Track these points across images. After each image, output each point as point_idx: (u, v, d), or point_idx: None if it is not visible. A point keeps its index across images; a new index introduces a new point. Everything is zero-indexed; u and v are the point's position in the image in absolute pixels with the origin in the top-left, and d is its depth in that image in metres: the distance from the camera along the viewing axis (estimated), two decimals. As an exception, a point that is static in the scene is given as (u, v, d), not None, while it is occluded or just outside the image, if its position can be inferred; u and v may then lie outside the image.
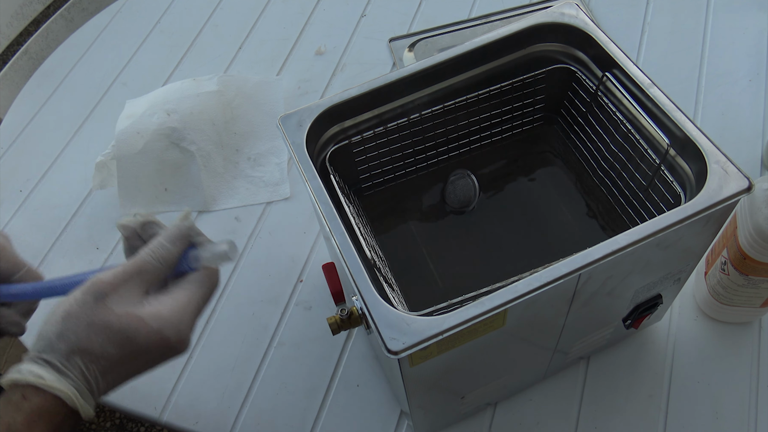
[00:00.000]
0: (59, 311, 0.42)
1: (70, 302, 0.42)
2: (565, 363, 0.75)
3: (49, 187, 1.00)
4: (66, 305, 0.42)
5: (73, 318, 0.41)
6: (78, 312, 0.41)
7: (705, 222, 0.58)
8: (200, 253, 0.51)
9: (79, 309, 0.41)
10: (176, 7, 1.21)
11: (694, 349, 0.78)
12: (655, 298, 0.69)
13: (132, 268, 0.44)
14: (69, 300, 0.42)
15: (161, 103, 0.95)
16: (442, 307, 0.55)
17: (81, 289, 0.43)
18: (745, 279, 0.70)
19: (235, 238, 0.91)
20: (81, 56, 1.16)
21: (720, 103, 0.98)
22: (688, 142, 0.59)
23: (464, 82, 0.71)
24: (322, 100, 0.66)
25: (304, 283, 0.87)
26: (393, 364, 0.54)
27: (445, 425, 0.75)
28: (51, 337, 0.40)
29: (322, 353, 0.81)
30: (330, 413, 0.77)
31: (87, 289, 0.42)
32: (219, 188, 0.96)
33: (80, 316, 0.41)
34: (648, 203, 0.67)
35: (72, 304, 0.42)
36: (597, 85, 0.69)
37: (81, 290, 0.42)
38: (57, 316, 0.41)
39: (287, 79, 1.07)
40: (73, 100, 1.10)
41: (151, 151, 0.92)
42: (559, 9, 0.70)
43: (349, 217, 0.61)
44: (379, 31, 1.12)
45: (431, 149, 0.76)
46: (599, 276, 0.57)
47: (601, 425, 0.74)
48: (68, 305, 0.42)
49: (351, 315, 0.63)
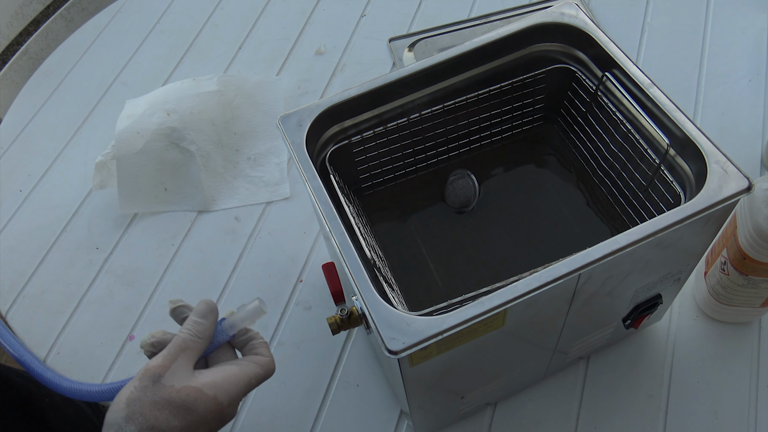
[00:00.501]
0: (121, 400, 0.45)
1: (131, 390, 0.45)
2: (564, 363, 0.75)
3: (49, 187, 1.00)
4: (126, 393, 0.45)
5: (137, 401, 0.44)
6: (140, 396, 0.44)
7: (705, 222, 0.58)
8: (234, 319, 0.55)
9: (140, 393, 0.45)
10: (176, 7, 1.21)
11: (693, 349, 0.78)
12: (655, 298, 0.69)
13: (176, 348, 0.48)
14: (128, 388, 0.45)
15: (161, 103, 0.95)
16: (442, 307, 0.55)
17: (136, 377, 0.46)
18: (745, 279, 0.70)
19: (234, 238, 0.91)
20: (81, 56, 1.16)
21: (720, 103, 0.98)
22: (687, 142, 0.59)
23: (464, 82, 0.71)
24: (322, 100, 0.66)
25: (304, 283, 0.87)
26: (393, 364, 0.54)
27: (444, 425, 0.75)
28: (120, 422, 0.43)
29: (321, 353, 0.81)
30: (330, 413, 0.77)
31: (142, 376, 0.46)
32: (219, 188, 0.96)
33: (143, 398, 0.44)
34: (648, 203, 0.67)
35: (132, 391, 0.45)
36: (597, 85, 0.69)
37: (137, 378, 0.46)
38: (120, 404, 0.44)
39: (287, 79, 1.07)
40: (73, 100, 1.10)
41: (151, 151, 0.92)
42: (559, 9, 0.70)
43: (349, 217, 0.61)
44: (379, 31, 1.12)
45: (431, 149, 0.76)
46: (599, 276, 0.57)
47: (601, 425, 0.74)
48: (129, 393, 0.45)
49: (351, 315, 0.63)
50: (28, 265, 0.91)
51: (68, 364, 0.82)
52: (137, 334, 0.84)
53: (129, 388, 0.45)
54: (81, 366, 0.82)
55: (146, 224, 0.94)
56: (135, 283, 0.89)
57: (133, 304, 0.87)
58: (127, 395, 0.45)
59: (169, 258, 0.91)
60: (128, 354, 0.83)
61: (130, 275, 0.89)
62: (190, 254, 0.91)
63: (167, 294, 0.87)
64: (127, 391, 0.45)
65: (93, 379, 0.81)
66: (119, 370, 0.81)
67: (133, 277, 0.89)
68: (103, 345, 0.84)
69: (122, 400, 0.45)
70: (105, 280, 0.89)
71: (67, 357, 0.83)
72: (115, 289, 0.88)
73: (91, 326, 0.85)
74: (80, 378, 0.81)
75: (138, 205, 0.95)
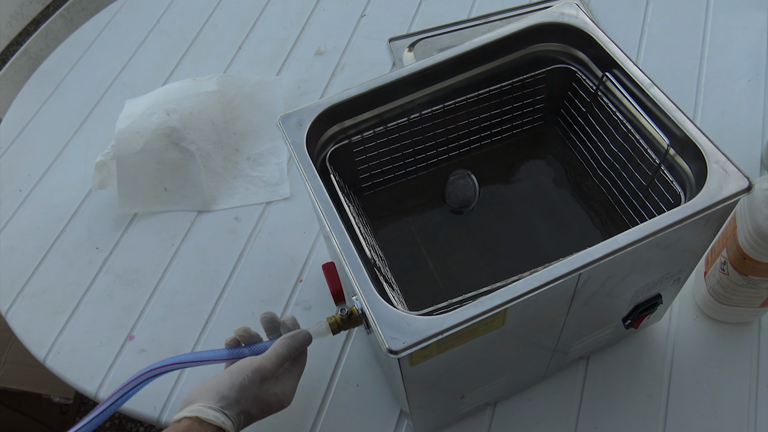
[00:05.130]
0: (237, 382, 0.60)
1: (244, 378, 0.60)
2: (564, 363, 0.75)
3: (49, 186, 1.00)
4: (241, 379, 0.60)
5: (247, 391, 0.60)
6: (250, 387, 0.60)
7: (705, 222, 0.58)
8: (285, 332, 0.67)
9: (251, 385, 0.60)
10: (176, 7, 1.21)
11: (693, 349, 0.78)
12: (655, 298, 0.69)
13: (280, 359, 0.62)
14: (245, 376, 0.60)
15: (161, 102, 0.95)
16: (441, 307, 0.55)
17: (252, 369, 0.60)
18: (745, 279, 0.70)
19: (234, 238, 0.91)
20: (80, 56, 1.16)
21: (720, 103, 0.98)
22: (687, 142, 0.59)
23: (464, 82, 0.71)
24: (322, 99, 0.66)
25: (304, 282, 0.87)
26: (393, 364, 0.54)
27: (444, 425, 0.75)
28: (231, 400, 0.59)
29: (322, 353, 0.81)
30: (330, 413, 0.77)
31: (256, 370, 0.60)
32: (219, 188, 0.96)
33: (252, 391, 0.60)
34: (648, 203, 0.67)
35: (245, 380, 0.60)
36: (597, 85, 0.69)
37: (252, 370, 0.60)
38: (236, 386, 0.59)
39: (287, 79, 1.07)
40: (73, 100, 1.10)
41: (151, 151, 0.92)
42: (559, 9, 0.70)
43: (349, 216, 0.61)
44: (379, 31, 1.12)
45: (431, 149, 0.76)
46: (599, 276, 0.57)
47: (601, 425, 0.74)
48: (243, 380, 0.60)
49: (351, 315, 0.63)
50: (28, 265, 0.91)
51: (68, 363, 0.82)
52: (137, 334, 0.84)
53: (242, 376, 0.60)
54: (81, 366, 0.82)
55: (146, 224, 0.94)
56: (135, 282, 0.89)
57: (133, 304, 0.87)
58: (241, 381, 0.59)
59: (169, 258, 0.91)
60: (128, 354, 0.83)
61: (129, 275, 0.89)
62: (190, 254, 0.91)
63: (167, 294, 0.87)
64: (243, 377, 0.60)
65: (92, 380, 0.81)
66: (119, 369, 0.81)
67: (133, 277, 0.89)
68: (103, 345, 0.84)
69: (237, 383, 0.59)
70: (105, 280, 0.89)
71: (67, 357, 0.83)
72: (114, 289, 0.88)
73: (91, 326, 0.85)
74: (79, 378, 0.81)
75: (138, 205, 0.94)
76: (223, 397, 0.59)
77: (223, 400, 0.59)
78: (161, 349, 0.83)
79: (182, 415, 0.58)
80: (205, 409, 0.58)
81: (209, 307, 0.86)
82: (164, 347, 0.83)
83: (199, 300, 0.86)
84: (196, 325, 0.84)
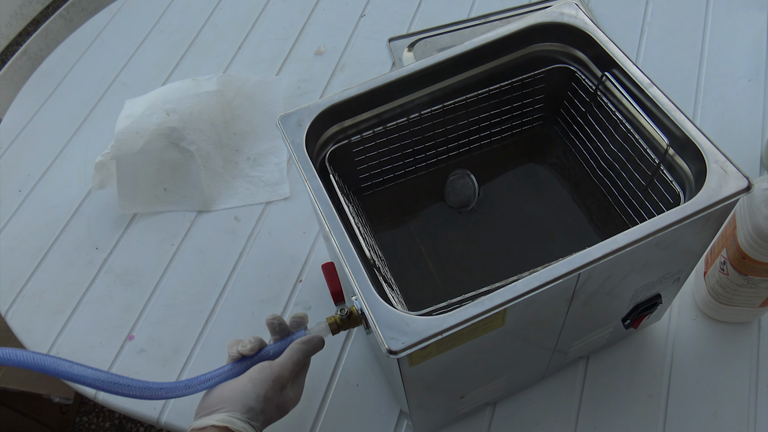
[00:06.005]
0: (261, 394, 0.61)
1: (267, 389, 0.61)
2: (564, 363, 0.75)
3: (49, 187, 1.00)
4: (265, 390, 0.61)
5: (270, 401, 0.61)
6: (272, 397, 0.61)
7: (704, 222, 0.58)
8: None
9: (273, 395, 0.62)
10: (176, 7, 1.21)
11: (693, 348, 0.78)
12: (655, 298, 0.69)
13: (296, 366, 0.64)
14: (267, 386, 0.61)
15: (161, 103, 0.95)
16: (441, 307, 0.55)
17: (273, 378, 0.62)
18: (745, 279, 0.70)
19: (234, 238, 0.91)
20: (80, 56, 1.16)
21: (719, 102, 0.98)
22: (687, 142, 0.59)
23: (464, 81, 0.71)
24: (322, 99, 0.66)
25: (304, 282, 0.87)
26: (392, 364, 0.54)
27: (444, 425, 0.75)
28: (257, 411, 0.60)
29: (321, 353, 0.80)
30: (329, 413, 0.77)
31: (276, 379, 0.62)
32: (218, 188, 0.96)
33: (273, 400, 0.62)
34: (647, 203, 0.67)
35: (267, 390, 0.61)
36: (596, 84, 0.69)
37: (273, 380, 0.62)
38: (261, 397, 0.61)
39: (287, 79, 1.07)
40: (73, 100, 1.10)
41: (151, 151, 0.92)
42: (558, 9, 0.70)
43: (349, 217, 0.61)
44: (379, 31, 1.12)
45: (431, 149, 0.76)
46: (598, 276, 0.57)
47: (601, 425, 0.74)
48: (266, 391, 0.61)
49: (351, 315, 0.63)
50: (27, 265, 0.91)
51: (68, 364, 0.82)
52: (136, 334, 0.84)
53: (265, 387, 0.61)
54: (81, 366, 0.82)
55: (146, 224, 0.94)
56: (135, 283, 0.89)
57: (133, 304, 0.87)
58: (264, 392, 0.61)
59: (169, 258, 0.91)
60: (127, 354, 0.83)
61: (129, 275, 0.89)
62: (190, 254, 0.91)
63: (167, 294, 0.87)
64: (266, 388, 0.61)
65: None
66: (119, 370, 0.81)
67: (133, 277, 0.89)
68: (103, 345, 0.84)
69: (261, 394, 0.61)
70: (105, 280, 0.89)
71: (67, 357, 0.83)
72: (114, 289, 0.88)
73: (91, 326, 0.85)
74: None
75: (137, 205, 0.95)
76: (249, 408, 0.60)
77: (249, 411, 0.60)
78: (161, 349, 0.83)
79: (208, 422, 0.59)
80: (234, 420, 0.59)
81: (209, 307, 0.86)
82: (164, 347, 0.83)
83: (199, 300, 0.86)
84: (196, 325, 0.84)
